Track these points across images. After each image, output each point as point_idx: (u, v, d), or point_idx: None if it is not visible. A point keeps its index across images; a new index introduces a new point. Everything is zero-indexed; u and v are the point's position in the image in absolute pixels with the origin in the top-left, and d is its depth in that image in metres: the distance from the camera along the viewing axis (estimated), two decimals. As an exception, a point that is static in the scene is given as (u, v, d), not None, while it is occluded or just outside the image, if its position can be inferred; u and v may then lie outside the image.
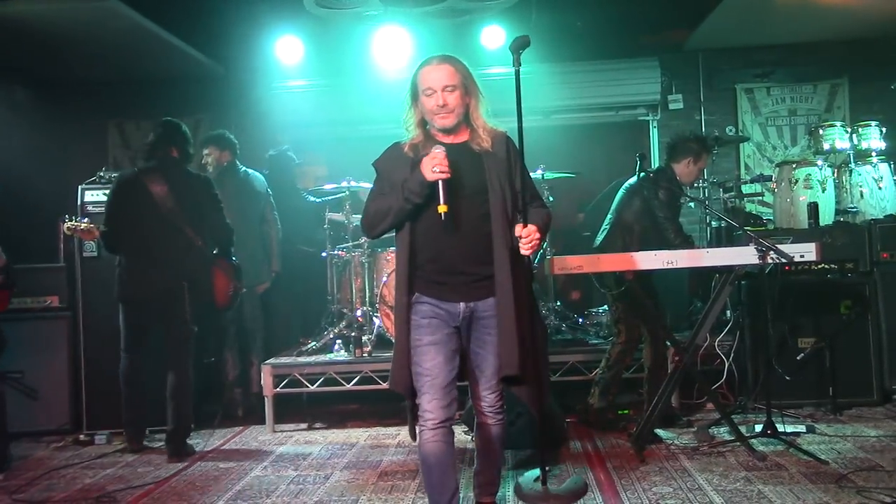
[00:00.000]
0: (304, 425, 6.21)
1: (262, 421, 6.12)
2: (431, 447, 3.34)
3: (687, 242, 5.32)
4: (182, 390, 5.38)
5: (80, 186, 6.07)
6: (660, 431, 5.27)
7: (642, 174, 5.30)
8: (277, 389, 6.05)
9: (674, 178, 5.49)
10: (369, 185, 6.40)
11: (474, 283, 3.39)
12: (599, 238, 5.56)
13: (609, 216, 5.59)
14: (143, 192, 5.30)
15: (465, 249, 3.37)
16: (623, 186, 5.62)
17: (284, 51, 7.47)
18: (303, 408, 6.67)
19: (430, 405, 3.33)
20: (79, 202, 6.02)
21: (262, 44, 7.48)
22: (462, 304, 3.40)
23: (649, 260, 4.74)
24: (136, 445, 5.56)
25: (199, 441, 5.75)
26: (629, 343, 5.50)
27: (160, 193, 5.29)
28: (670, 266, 4.75)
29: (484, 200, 3.35)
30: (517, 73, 3.00)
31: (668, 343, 5.30)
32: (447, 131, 3.43)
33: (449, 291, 3.40)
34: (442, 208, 3.23)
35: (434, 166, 3.26)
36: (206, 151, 6.76)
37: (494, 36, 7.38)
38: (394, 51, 7.21)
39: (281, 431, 6.03)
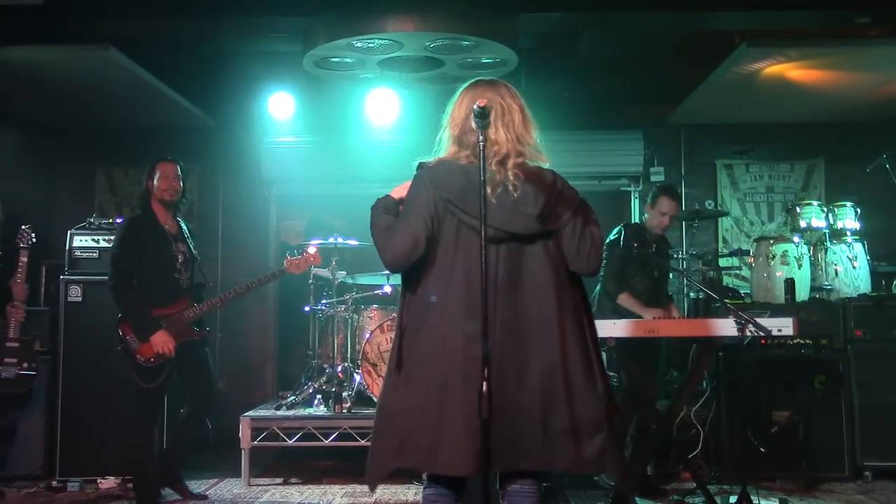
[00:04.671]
0: (279, 479, 6.17)
1: (237, 474, 6.07)
2: None
3: (617, 287, 5.53)
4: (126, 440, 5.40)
5: (69, 231, 6.08)
6: (638, 500, 5.30)
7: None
8: (255, 443, 6.02)
9: (639, 228, 5.76)
10: (356, 243, 6.59)
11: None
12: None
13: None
14: None
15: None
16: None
17: (277, 106, 7.47)
18: (277, 461, 6.62)
19: None
20: (67, 247, 6.03)
21: (255, 99, 7.56)
22: None
23: (630, 328, 4.81)
24: None
25: (171, 492, 5.64)
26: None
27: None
28: (651, 335, 4.83)
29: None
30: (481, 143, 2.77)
31: (644, 411, 5.36)
32: None
33: None
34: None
35: None
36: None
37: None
38: (382, 112, 7.28)
39: (256, 485, 5.98)
